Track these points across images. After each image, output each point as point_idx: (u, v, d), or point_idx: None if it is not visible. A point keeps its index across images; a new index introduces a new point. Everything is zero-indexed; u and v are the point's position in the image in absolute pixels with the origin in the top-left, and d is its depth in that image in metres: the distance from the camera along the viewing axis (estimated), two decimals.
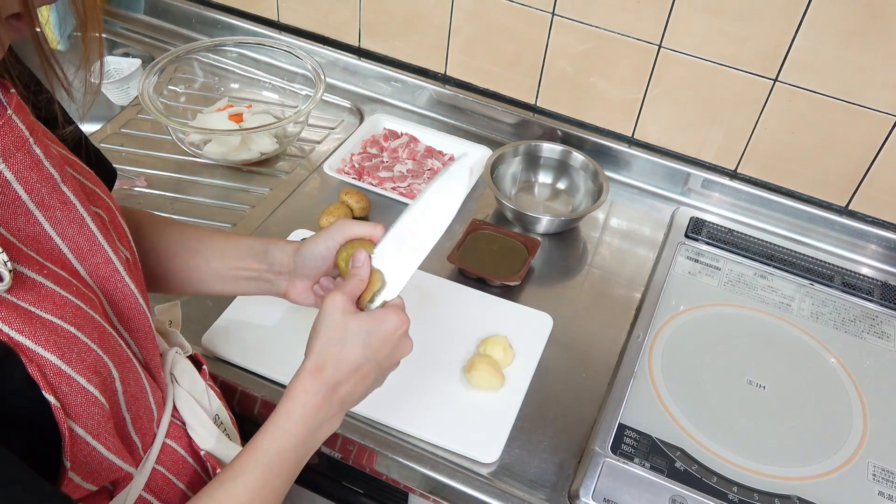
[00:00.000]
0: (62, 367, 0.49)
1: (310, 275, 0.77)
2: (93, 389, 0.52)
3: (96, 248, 0.56)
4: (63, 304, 0.51)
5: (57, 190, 0.53)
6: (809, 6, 1.02)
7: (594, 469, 0.82)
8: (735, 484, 0.82)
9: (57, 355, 0.49)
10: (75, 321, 0.51)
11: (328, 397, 0.64)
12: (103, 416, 0.53)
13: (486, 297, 1.01)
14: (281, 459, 0.62)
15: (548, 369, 0.93)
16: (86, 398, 0.51)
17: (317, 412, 0.64)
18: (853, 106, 1.07)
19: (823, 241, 1.17)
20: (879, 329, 1.04)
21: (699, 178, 1.21)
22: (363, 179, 1.18)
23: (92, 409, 0.52)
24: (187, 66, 1.34)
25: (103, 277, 0.57)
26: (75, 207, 0.55)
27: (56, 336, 0.49)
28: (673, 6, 1.09)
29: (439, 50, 1.31)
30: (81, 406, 0.51)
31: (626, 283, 1.08)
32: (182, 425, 0.68)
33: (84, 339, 0.51)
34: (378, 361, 0.67)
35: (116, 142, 1.24)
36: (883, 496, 0.84)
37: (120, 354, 0.56)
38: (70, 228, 0.55)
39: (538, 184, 1.24)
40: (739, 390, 0.93)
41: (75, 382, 0.50)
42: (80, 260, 0.56)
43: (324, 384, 0.64)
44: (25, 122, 0.51)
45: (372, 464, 0.85)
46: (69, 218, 0.55)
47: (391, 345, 0.67)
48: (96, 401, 0.52)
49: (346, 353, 0.65)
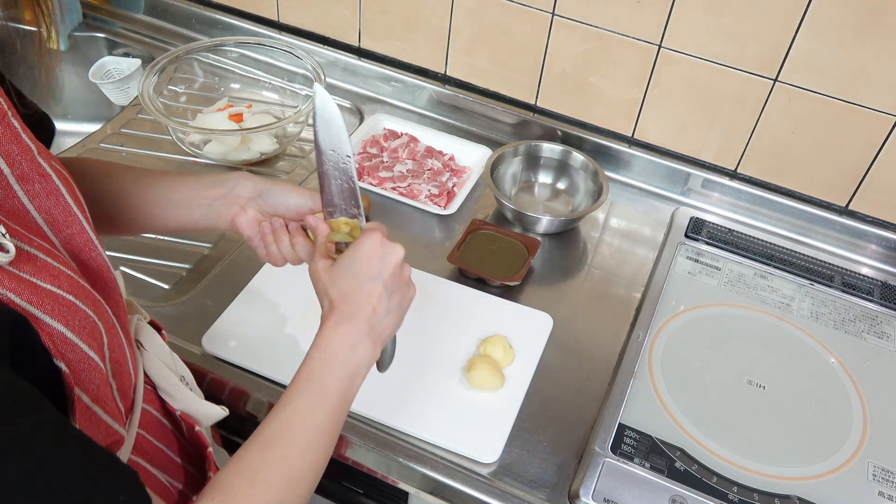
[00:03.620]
0: (67, 335, 0.50)
1: (265, 210, 0.78)
2: (93, 355, 0.53)
3: (71, 218, 0.57)
4: (58, 274, 0.52)
5: (35, 162, 0.54)
6: (809, 6, 1.02)
7: (594, 469, 0.82)
8: (735, 484, 0.82)
9: (63, 324, 0.50)
10: (72, 290, 0.52)
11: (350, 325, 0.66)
12: (102, 380, 0.55)
13: (486, 297, 1.01)
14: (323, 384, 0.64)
15: (548, 369, 0.93)
16: (88, 364, 0.53)
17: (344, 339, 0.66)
18: (853, 106, 1.07)
19: (823, 241, 1.17)
20: (879, 329, 1.04)
21: (699, 178, 1.21)
22: (363, 179, 1.18)
23: (93, 374, 0.53)
24: (187, 66, 1.34)
25: (77, 248, 0.58)
26: (51, 179, 0.55)
27: (59, 305, 0.50)
28: (673, 6, 1.09)
29: (439, 50, 1.31)
30: (85, 372, 0.52)
31: (626, 283, 1.08)
32: (153, 389, 0.69)
33: (83, 308, 0.52)
34: (374, 277, 0.68)
35: (116, 142, 1.24)
36: (883, 496, 0.84)
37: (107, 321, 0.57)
38: (47, 200, 0.55)
39: (538, 184, 1.24)
40: (739, 390, 0.93)
41: (79, 349, 0.51)
42: (56, 232, 0.56)
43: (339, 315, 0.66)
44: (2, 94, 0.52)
45: (372, 464, 0.85)
46: (46, 190, 0.55)
47: (377, 258, 0.69)
48: (97, 366, 0.54)
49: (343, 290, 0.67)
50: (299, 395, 0.63)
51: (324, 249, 0.72)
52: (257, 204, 0.78)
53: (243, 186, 0.78)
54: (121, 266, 1.03)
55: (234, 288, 0.97)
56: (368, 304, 0.67)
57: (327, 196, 0.73)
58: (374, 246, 0.69)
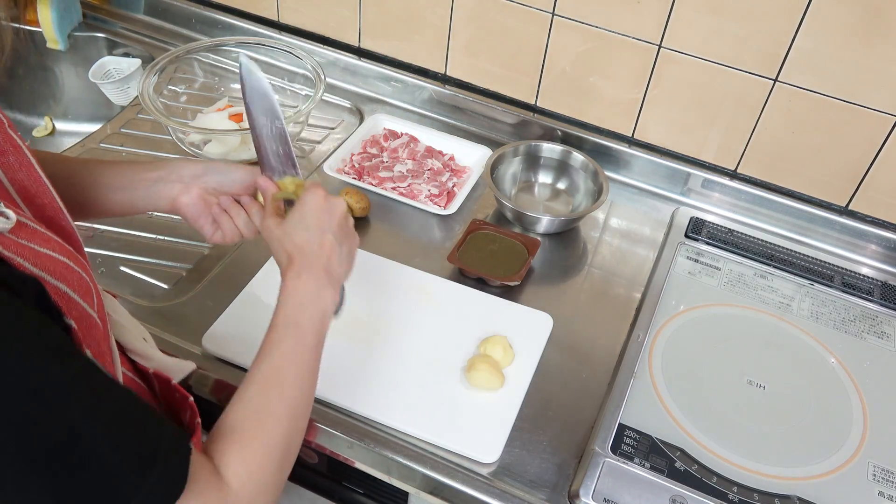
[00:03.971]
0: (71, 295, 0.53)
1: (209, 189, 0.81)
2: (93, 313, 0.55)
3: (42, 189, 0.59)
4: (48, 239, 0.53)
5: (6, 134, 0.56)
6: (809, 6, 1.02)
7: (594, 469, 0.82)
8: (735, 484, 0.82)
9: (66, 284, 0.52)
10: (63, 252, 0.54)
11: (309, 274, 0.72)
12: (102, 337, 0.58)
13: (486, 297, 1.01)
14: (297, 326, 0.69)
15: (548, 369, 0.93)
16: (89, 322, 0.55)
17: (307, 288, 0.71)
18: (853, 106, 1.07)
19: (823, 241, 1.17)
20: (879, 329, 1.04)
21: (699, 178, 1.21)
22: (363, 179, 1.18)
23: (94, 331, 0.56)
24: (187, 66, 1.34)
25: (48, 219, 0.59)
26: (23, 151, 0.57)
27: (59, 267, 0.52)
28: (673, 6, 1.09)
29: (439, 50, 1.31)
30: (87, 329, 0.55)
31: (626, 283, 1.08)
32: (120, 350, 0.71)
33: (76, 269, 0.55)
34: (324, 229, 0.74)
35: (116, 142, 1.24)
36: (883, 496, 0.84)
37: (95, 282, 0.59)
38: (20, 172, 0.57)
39: (538, 184, 1.24)
40: (739, 390, 0.93)
41: (80, 307, 0.54)
42: (27, 202, 0.58)
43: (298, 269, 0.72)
44: None
45: (372, 464, 0.85)
46: (20, 162, 0.57)
47: (325, 210, 0.74)
48: (96, 323, 0.56)
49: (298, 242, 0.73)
50: (282, 339, 0.68)
51: (272, 208, 0.77)
52: (200, 183, 0.80)
53: (184, 167, 0.81)
54: (121, 266, 1.03)
55: (234, 288, 0.97)
56: (323, 253, 0.73)
57: (265, 161, 0.78)
58: (319, 200, 0.74)
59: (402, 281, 1.01)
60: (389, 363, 0.90)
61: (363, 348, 0.92)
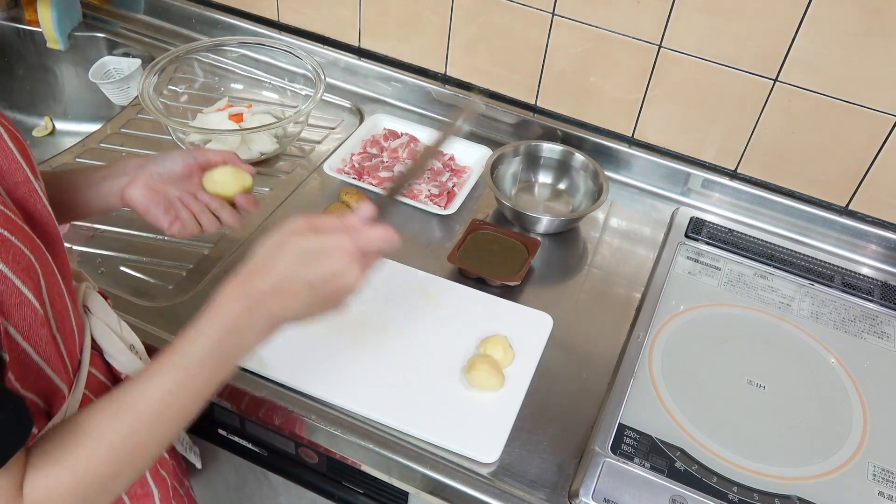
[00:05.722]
0: None
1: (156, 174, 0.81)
2: (27, 292, 0.54)
3: (16, 166, 0.59)
4: None
5: None
6: (809, 6, 1.02)
7: (594, 469, 0.82)
8: (735, 484, 0.82)
9: None
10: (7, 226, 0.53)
11: (251, 307, 0.62)
12: (36, 319, 0.56)
13: (486, 297, 1.01)
14: (199, 363, 0.61)
15: (548, 369, 0.93)
16: (20, 299, 0.54)
17: (237, 320, 0.62)
18: (853, 106, 1.07)
19: (823, 241, 1.17)
20: (879, 329, 1.04)
21: (699, 178, 1.21)
22: (363, 179, 1.18)
23: (25, 310, 0.54)
24: (187, 66, 1.34)
25: (22, 197, 0.59)
26: None
27: None
28: (673, 6, 1.09)
29: (439, 50, 1.31)
30: (15, 306, 0.53)
31: (626, 283, 1.08)
32: (100, 354, 0.70)
33: (17, 243, 0.54)
34: (308, 280, 0.63)
35: (116, 142, 1.24)
36: (883, 496, 0.84)
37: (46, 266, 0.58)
38: None
39: (538, 184, 1.24)
40: (739, 390, 0.93)
41: (10, 281, 0.53)
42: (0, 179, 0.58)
43: (247, 293, 0.63)
44: None
45: (372, 464, 0.85)
46: None
47: (327, 265, 0.64)
48: (29, 303, 0.55)
49: (277, 265, 0.63)
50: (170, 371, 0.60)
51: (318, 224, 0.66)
52: (145, 173, 0.80)
53: (128, 161, 0.82)
54: (121, 266, 1.03)
55: None
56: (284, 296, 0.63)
57: None
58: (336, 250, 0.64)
59: (402, 281, 1.01)
60: (389, 363, 0.91)
61: (363, 348, 0.92)
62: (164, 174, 0.81)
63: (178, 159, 0.82)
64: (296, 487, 1.02)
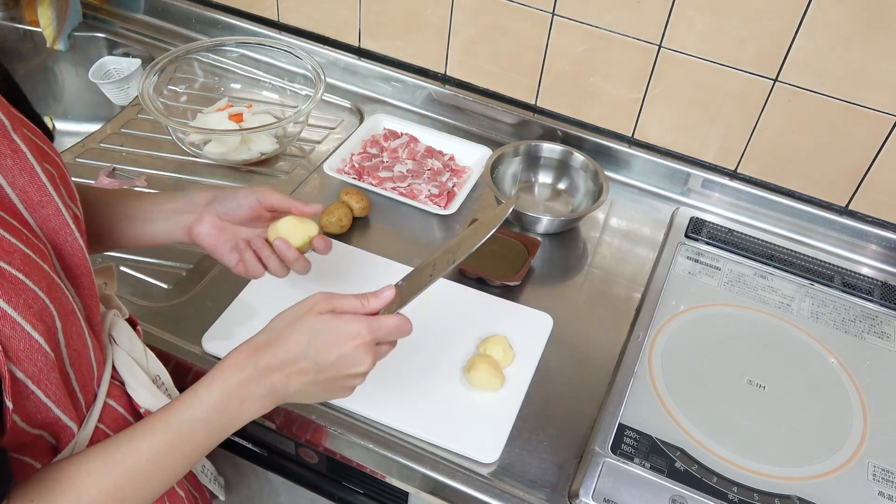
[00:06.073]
0: (7, 311, 0.50)
1: (222, 214, 0.79)
2: (37, 336, 0.52)
3: (47, 199, 0.57)
4: (12, 250, 0.51)
5: (8, 138, 0.54)
6: (809, 6, 1.02)
7: (594, 469, 0.82)
8: (735, 484, 0.82)
9: (3, 299, 0.50)
10: (23, 268, 0.52)
11: (255, 378, 0.63)
12: (46, 363, 0.54)
13: (486, 297, 1.01)
14: (192, 428, 0.61)
15: (548, 369, 0.93)
16: (30, 344, 0.52)
17: (239, 389, 0.62)
18: (853, 106, 1.07)
19: (823, 241, 1.17)
20: (879, 329, 1.04)
21: (699, 178, 1.21)
22: (363, 179, 1.18)
23: (35, 355, 0.53)
24: (187, 66, 1.34)
25: (53, 230, 0.58)
26: (26, 157, 0.55)
27: (2, 279, 0.50)
28: (673, 6, 1.09)
29: (439, 50, 1.31)
30: (24, 351, 0.52)
31: (626, 283, 1.08)
32: (121, 385, 0.68)
33: (32, 286, 0.52)
34: (318, 363, 0.64)
35: (116, 142, 1.24)
36: (883, 496, 0.84)
37: (65, 306, 0.56)
38: (20, 178, 0.55)
39: (538, 184, 1.24)
40: (739, 390, 0.93)
41: (20, 327, 0.51)
42: (31, 211, 0.56)
43: (255, 364, 0.63)
44: None
45: (372, 464, 0.85)
46: (19, 166, 0.55)
47: (340, 352, 0.64)
48: (40, 348, 0.53)
49: (290, 341, 0.64)
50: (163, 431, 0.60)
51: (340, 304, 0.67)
52: (213, 210, 0.79)
53: (196, 196, 0.80)
54: (121, 266, 1.03)
55: (234, 288, 0.97)
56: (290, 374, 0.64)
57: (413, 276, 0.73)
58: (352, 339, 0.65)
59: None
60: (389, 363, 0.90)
61: None
62: (232, 215, 0.80)
63: (243, 201, 0.79)
64: (296, 487, 1.02)
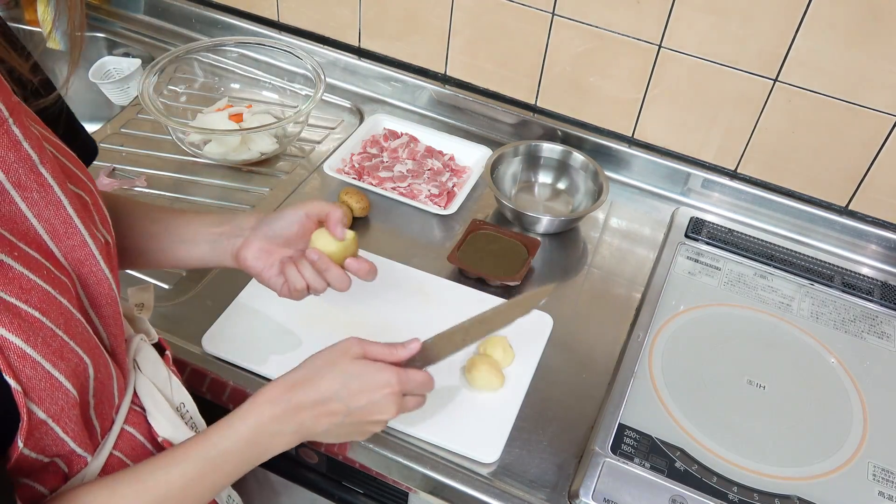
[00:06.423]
0: (26, 351, 0.50)
1: (270, 236, 0.79)
2: (58, 375, 0.52)
3: (72, 230, 0.57)
4: (30, 288, 0.51)
5: (35, 171, 0.54)
6: (809, 6, 1.02)
7: (594, 469, 0.82)
8: (735, 484, 0.82)
9: (21, 338, 0.49)
10: (41, 306, 0.51)
11: (287, 414, 0.66)
12: (68, 401, 0.54)
13: (486, 297, 1.01)
14: (224, 458, 0.63)
15: (548, 369, 0.93)
16: (51, 383, 0.52)
17: (271, 422, 0.65)
18: (853, 106, 1.07)
19: (823, 241, 1.17)
20: (879, 329, 1.04)
21: (699, 178, 1.21)
22: (363, 179, 1.18)
23: (56, 394, 0.52)
24: (187, 66, 1.34)
25: (78, 260, 0.58)
26: (53, 190, 0.55)
27: (20, 319, 0.49)
28: (673, 6, 1.09)
29: (439, 50, 1.31)
30: (46, 391, 0.52)
31: (626, 283, 1.08)
32: (142, 411, 0.68)
33: (49, 325, 0.52)
34: (349, 406, 0.68)
35: (116, 142, 1.24)
36: (883, 496, 0.84)
37: (88, 341, 0.56)
38: (47, 210, 0.55)
39: (538, 184, 1.24)
40: (739, 390, 0.93)
41: (40, 367, 0.51)
42: (56, 241, 0.56)
43: (288, 401, 0.66)
44: (5, 101, 0.51)
45: (372, 464, 0.85)
46: (46, 200, 0.55)
47: (370, 399, 0.68)
48: (61, 386, 0.53)
49: (323, 382, 0.67)
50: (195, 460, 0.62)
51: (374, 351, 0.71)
52: (260, 234, 0.78)
53: (243, 220, 0.80)
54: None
55: (234, 288, 0.97)
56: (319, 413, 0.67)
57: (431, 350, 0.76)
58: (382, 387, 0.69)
59: (402, 281, 1.01)
60: None
61: None
62: (279, 236, 0.79)
63: (292, 218, 0.78)
64: (296, 487, 1.02)
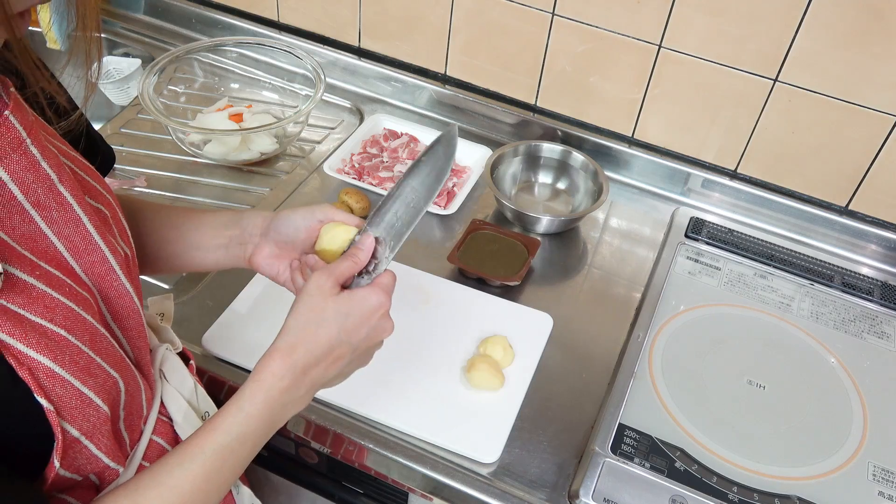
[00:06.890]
0: (55, 370, 0.49)
1: (279, 241, 0.76)
2: (87, 391, 0.52)
3: (92, 247, 0.57)
4: (53, 306, 0.51)
5: (54, 190, 0.54)
6: (809, 6, 1.02)
7: (594, 469, 0.82)
8: (735, 484, 0.82)
9: (49, 358, 0.49)
10: (65, 323, 0.51)
11: (296, 380, 0.63)
12: (100, 417, 0.54)
13: (486, 297, 1.01)
14: (240, 443, 0.61)
15: (548, 369, 0.93)
16: (81, 400, 0.51)
17: (282, 395, 0.62)
18: (853, 106, 1.07)
19: (823, 241, 1.17)
20: (879, 329, 1.04)
21: (699, 178, 1.21)
22: (363, 179, 1.18)
23: (87, 410, 0.52)
24: (187, 66, 1.34)
25: (99, 276, 0.57)
26: (72, 208, 0.55)
27: (46, 339, 0.49)
28: (673, 6, 1.09)
29: (439, 50, 1.31)
30: (77, 408, 0.51)
31: (626, 283, 1.08)
32: (169, 421, 0.68)
33: (74, 342, 0.51)
34: (353, 343, 0.65)
35: (116, 142, 1.24)
36: (883, 496, 0.84)
37: (114, 356, 0.56)
38: (66, 228, 0.55)
39: (538, 184, 1.24)
40: (739, 390, 0.93)
41: (70, 384, 0.50)
42: (77, 258, 0.56)
43: (292, 367, 0.63)
44: (23, 121, 0.51)
45: (372, 464, 0.85)
46: (65, 218, 0.55)
47: (369, 326, 0.66)
48: (91, 402, 0.52)
49: (320, 334, 0.63)
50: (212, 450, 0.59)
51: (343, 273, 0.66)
52: (270, 238, 0.77)
53: (254, 223, 0.77)
54: None
55: (234, 288, 0.97)
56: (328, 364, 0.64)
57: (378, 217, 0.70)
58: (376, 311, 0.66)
59: (402, 281, 1.00)
60: (389, 363, 0.90)
61: None
62: (289, 241, 0.76)
63: (300, 223, 0.76)
64: (296, 487, 1.02)
